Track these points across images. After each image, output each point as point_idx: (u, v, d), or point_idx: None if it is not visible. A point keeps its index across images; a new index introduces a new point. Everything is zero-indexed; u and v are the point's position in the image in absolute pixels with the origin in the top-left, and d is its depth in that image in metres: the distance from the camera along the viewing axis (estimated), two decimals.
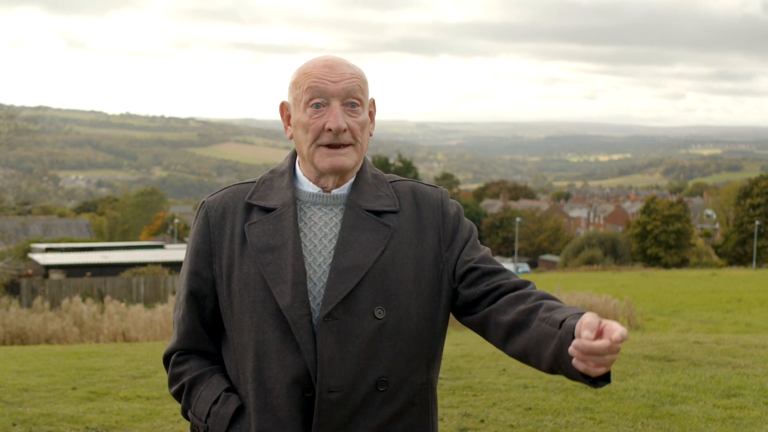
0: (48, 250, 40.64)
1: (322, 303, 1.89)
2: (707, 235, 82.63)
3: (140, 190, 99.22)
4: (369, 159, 2.13)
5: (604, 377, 1.76)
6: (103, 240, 68.67)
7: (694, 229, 64.14)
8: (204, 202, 2.07)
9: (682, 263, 59.20)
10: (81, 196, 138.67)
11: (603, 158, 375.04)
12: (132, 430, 5.59)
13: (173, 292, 28.63)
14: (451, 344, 8.97)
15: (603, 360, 1.66)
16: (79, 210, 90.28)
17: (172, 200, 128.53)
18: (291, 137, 2.05)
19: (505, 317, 1.91)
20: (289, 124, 2.05)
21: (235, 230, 1.99)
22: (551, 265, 66.11)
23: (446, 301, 2.01)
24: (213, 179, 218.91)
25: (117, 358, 8.99)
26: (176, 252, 42.18)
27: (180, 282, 2.08)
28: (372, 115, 2.06)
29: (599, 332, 1.67)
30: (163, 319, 16.02)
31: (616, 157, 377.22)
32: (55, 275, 32.60)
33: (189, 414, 2.03)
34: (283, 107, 2.07)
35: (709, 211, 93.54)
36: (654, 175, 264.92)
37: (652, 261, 59.17)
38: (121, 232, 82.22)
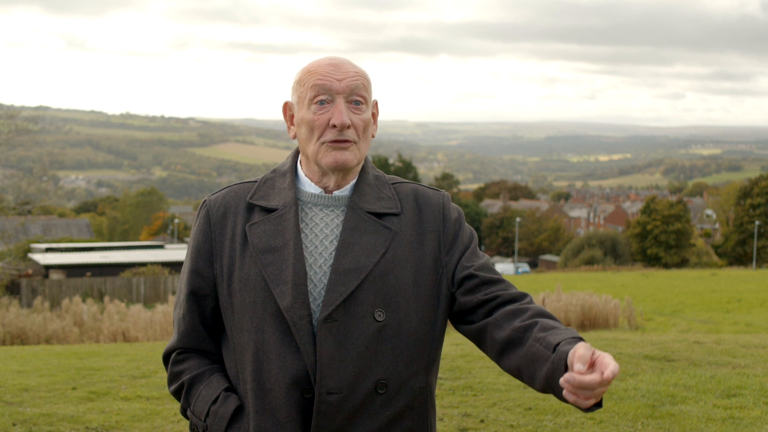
0: (48, 250, 40.68)
1: (322, 305, 1.89)
2: (707, 235, 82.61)
3: (140, 190, 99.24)
4: (370, 159, 2.12)
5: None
6: (103, 240, 68.67)
7: (694, 229, 64.10)
8: (205, 201, 2.06)
9: (682, 263, 59.16)
10: (81, 196, 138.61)
11: (603, 158, 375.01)
12: (132, 430, 5.59)
13: (173, 292, 28.63)
14: (451, 344, 8.96)
15: (593, 393, 1.66)
16: (79, 210, 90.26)
17: (172, 200, 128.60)
18: (294, 137, 2.04)
19: (501, 333, 1.91)
20: (292, 124, 2.05)
21: (237, 230, 1.99)
22: (551, 265, 66.09)
23: (445, 305, 2.00)
24: (213, 179, 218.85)
25: (117, 358, 8.99)
26: (176, 252, 42.18)
27: (180, 281, 2.08)
28: (375, 116, 2.06)
29: (591, 364, 1.67)
30: (163, 319, 16.01)
31: (616, 157, 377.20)
32: (55, 275, 32.60)
33: (188, 413, 2.03)
34: (287, 107, 2.06)
35: (709, 211, 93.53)
36: (654, 175, 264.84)
37: (652, 261, 59.13)
38: (121, 232, 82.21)
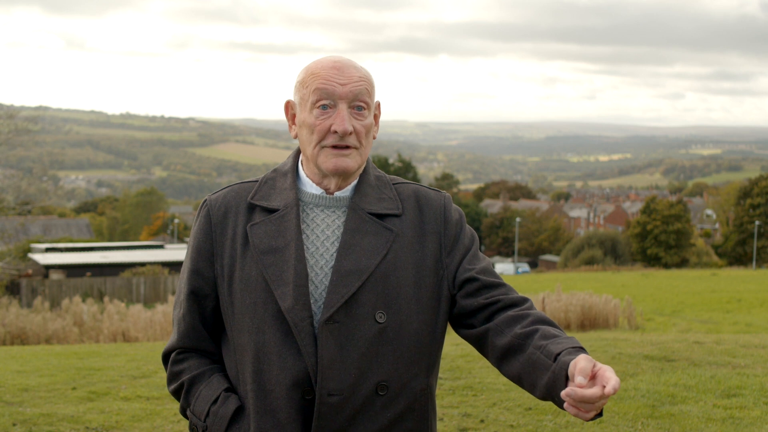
0: (48, 250, 40.68)
1: (323, 306, 1.88)
2: (707, 235, 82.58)
3: (140, 190, 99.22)
4: (371, 160, 2.11)
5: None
6: (103, 240, 68.66)
7: (694, 229, 64.08)
8: (206, 200, 2.05)
9: (682, 263, 59.15)
10: (81, 196, 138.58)
11: (603, 158, 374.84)
12: (132, 430, 5.59)
13: (173, 292, 28.62)
14: (451, 344, 8.96)
15: (594, 406, 1.66)
16: (79, 210, 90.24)
17: (172, 200, 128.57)
18: (295, 136, 2.04)
19: (502, 339, 1.91)
20: (293, 123, 2.04)
21: (238, 230, 1.98)
22: (551, 265, 66.09)
23: (446, 307, 2.00)
24: (213, 179, 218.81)
25: (117, 358, 8.98)
26: (176, 252, 42.17)
27: (180, 280, 2.07)
28: (377, 117, 2.05)
29: (592, 376, 1.67)
30: (163, 319, 16.01)
31: (616, 157, 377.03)
32: (55, 275, 32.60)
33: (188, 413, 2.02)
34: (288, 106, 2.06)
35: (709, 211, 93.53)
36: (654, 175, 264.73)
37: (652, 261, 59.13)
38: (121, 232, 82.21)
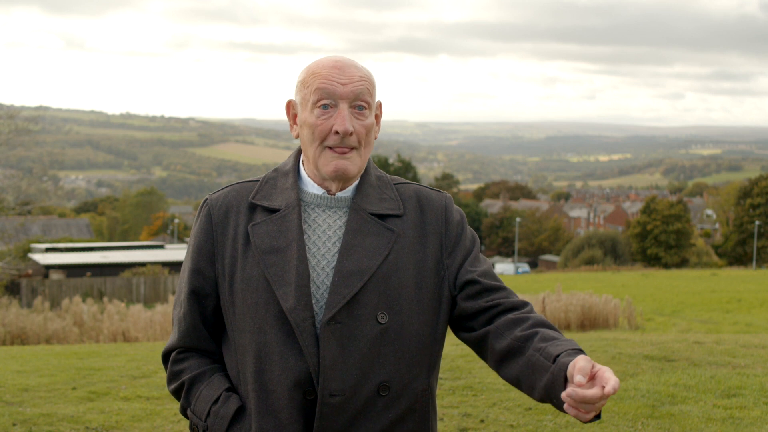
0: (48, 250, 40.68)
1: (325, 307, 1.88)
2: (707, 235, 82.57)
3: (140, 190, 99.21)
4: (371, 160, 2.10)
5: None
6: (103, 240, 68.68)
7: (694, 229, 64.07)
8: (207, 200, 2.05)
9: (682, 263, 59.15)
10: (81, 196, 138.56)
11: (603, 158, 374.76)
12: (132, 430, 5.59)
13: (173, 292, 28.62)
14: (451, 344, 8.95)
15: (593, 407, 1.67)
16: (79, 210, 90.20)
17: (172, 200, 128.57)
18: (297, 136, 2.03)
19: (501, 342, 1.91)
20: (294, 123, 2.04)
21: (239, 230, 1.98)
22: (551, 265, 66.09)
23: (446, 308, 2.00)
24: (213, 179, 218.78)
25: (117, 358, 8.98)
26: (176, 252, 42.17)
27: (181, 280, 2.06)
28: (378, 117, 2.04)
29: (591, 377, 1.67)
30: (163, 319, 16.00)
31: (616, 157, 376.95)
32: (55, 275, 32.60)
33: (188, 412, 2.02)
34: (290, 105, 2.05)
35: (709, 211, 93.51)
36: (654, 175, 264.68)
37: (652, 261, 59.12)
38: (121, 232, 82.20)
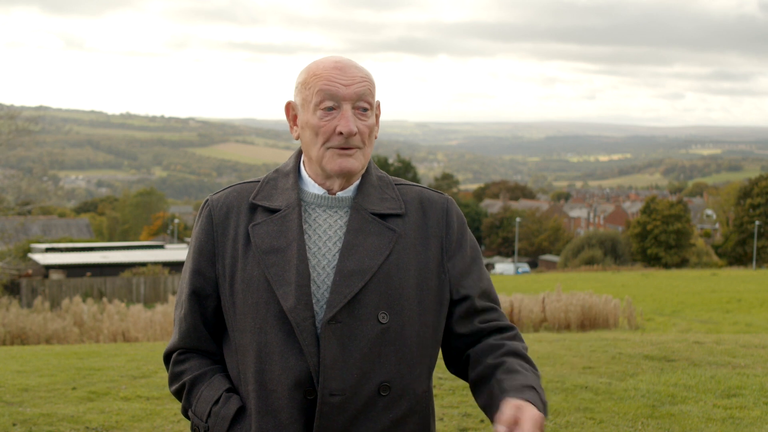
0: (48, 250, 40.69)
1: (326, 306, 1.88)
2: (707, 235, 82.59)
3: (140, 190, 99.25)
4: (372, 160, 2.11)
5: None
6: (103, 240, 68.69)
7: (694, 229, 64.08)
8: (207, 200, 2.05)
9: (682, 263, 59.16)
10: (81, 196, 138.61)
11: (603, 158, 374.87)
12: (132, 430, 5.59)
13: (173, 292, 28.63)
14: None
15: None
16: (79, 210, 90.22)
17: (172, 200, 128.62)
18: (297, 137, 2.03)
19: (476, 369, 1.98)
20: (295, 125, 2.03)
21: (239, 230, 1.98)
22: (551, 265, 66.10)
23: (447, 310, 2.01)
24: (213, 179, 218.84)
25: (117, 358, 8.98)
26: (176, 252, 42.18)
27: (182, 280, 2.06)
28: (377, 117, 2.05)
29: (515, 422, 1.71)
30: (163, 319, 16.01)
31: (616, 157, 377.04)
32: (55, 275, 32.60)
33: (189, 413, 2.02)
34: (289, 107, 2.04)
35: (709, 211, 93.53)
36: (654, 175, 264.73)
37: (652, 261, 59.14)
38: (121, 232, 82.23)
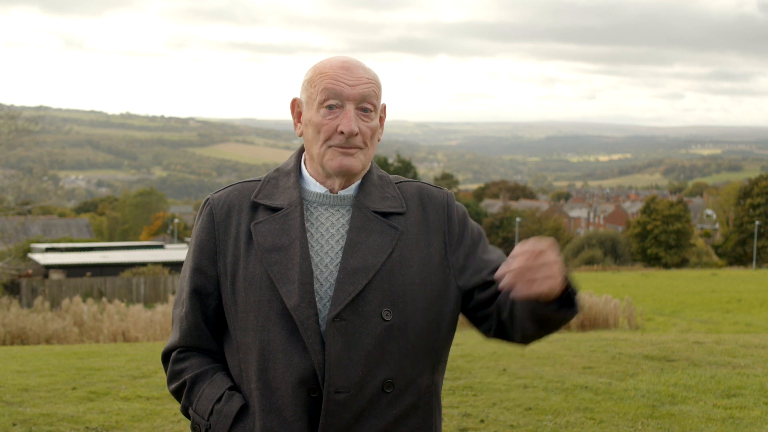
0: (48, 250, 40.65)
1: (331, 304, 1.89)
2: (707, 235, 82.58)
3: (140, 190, 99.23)
4: (373, 160, 2.12)
5: (567, 303, 1.83)
6: (103, 240, 68.62)
7: (694, 229, 64.11)
8: (208, 199, 2.06)
9: (682, 263, 59.16)
10: (81, 196, 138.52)
11: (603, 158, 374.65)
12: (132, 430, 5.59)
13: (173, 292, 28.61)
14: (451, 344, 8.96)
15: (536, 275, 1.73)
16: (79, 210, 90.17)
17: (172, 200, 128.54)
18: (300, 134, 2.05)
19: (507, 310, 1.96)
20: (299, 121, 2.05)
21: (241, 228, 1.98)
22: None
23: (452, 305, 2.01)
24: (213, 179, 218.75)
25: (117, 358, 8.98)
26: (176, 252, 42.16)
27: (182, 279, 2.06)
28: (382, 120, 2.06)
29: (521, 255, 1.75)
30: (163, 319, 16.01)
31: (616, 157, 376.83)
32: (55, 275, 32.59)
33: (190, 411, 2.02)
34: (295, 104, 2.06)
35: (709, 211, 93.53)
36: (654, 175, 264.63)
37: (652, 261, 59.13)
38: (121, 232, 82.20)
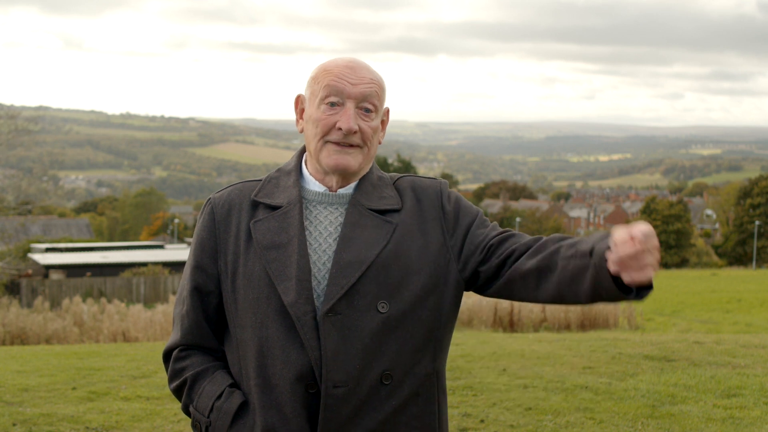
0: (48, 250, 40.66)
1: (324, 298, 1.90)
2: (707, 235, 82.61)
3: (140, 190, 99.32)
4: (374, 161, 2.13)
5: (647, 286, 1.79)
6: (103, 240, 68.70)
7: (694, 229, 64.18)
8: (210, 198, 2.08)
9: (682, 263, 59.21)
10: (81, 196, 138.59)
11: (603, 158, 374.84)
12: (132, 430, 5.59)
13: (173, 292, 28.62)
14: (451, 344, 8.96)
15: (641, 263, 1.69)
16: (79, 210, 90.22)
17: (172, 200, 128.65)
18: (301, 131, 2.06)
19: (528, 267, 1.92)
20: (301, 118, 2.07)
21: (241, 227, 2.00)
22: None
23: (453, 290, 2.00)
24: (213, 179, 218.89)
25: (117, 358, 8.98)
26: (176, 252, 42.19)
27: (183, 277, 2.08)
28: (384, 123, 2.07)
29: (630, 239, 1.70)
30: (163, 319, 16.02)
31: (616, 157, 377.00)
32: (55, 275, 32.59)
33: (190, 409, 2.03)
34: (299, 100, 2.08)
35: (709, 211, 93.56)
36: (654, 175, 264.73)
37: None
38: (121, 232, 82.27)
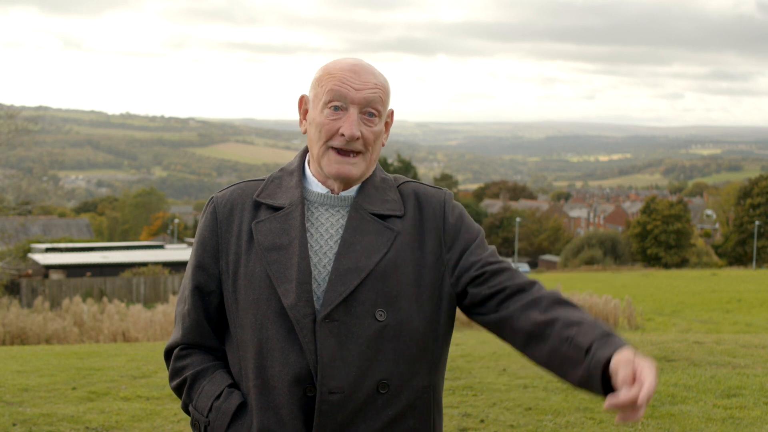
0: (48, 250, 40.64)
1: (322, 304, 1.89)
2: (707, 235, 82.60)
3: (140, 190, 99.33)
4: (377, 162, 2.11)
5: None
6: (103, 240, 68.66)
7: (694, 229, 64.14)
8: (212, 198, 2.08)
9: (682, 263, 59.19)
10: (81, 196, 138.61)
11: (603, 158, 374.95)
12: (132, 430, 5.59)
13: (173, 292, 28.63)
14: (451, 344, 8.96)
15: (636, 408, 1.62)
16: (79, 210, 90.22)
17: (172, 200, 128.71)
18: (304, 132, 2.05)
19: (520, 325, 1.89)
20: (304, 119, 2.06)
21: (243, 227, 1.99)
22: (551, 265, 66.10)
23: (448, 304, 1.99)
24: (213, 179, 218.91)
25: (117, 358, 8.99)
26: (176, 252, 42.17)
27: (185, 276, 2.08)
28: (388, 125, 2.05)
29: (633, 378, 1.64)
30: (163, 319, 16.02)
31: (616, 157, 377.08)
32: (55, 275, 32.59)
33: (190, 408, 2.03)
34: (302, 101, 2.07)
35: (709, 211, 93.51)
36: (654, 175, 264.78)
37: (652, 261, 59.16)
38: (121, 232, 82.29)
